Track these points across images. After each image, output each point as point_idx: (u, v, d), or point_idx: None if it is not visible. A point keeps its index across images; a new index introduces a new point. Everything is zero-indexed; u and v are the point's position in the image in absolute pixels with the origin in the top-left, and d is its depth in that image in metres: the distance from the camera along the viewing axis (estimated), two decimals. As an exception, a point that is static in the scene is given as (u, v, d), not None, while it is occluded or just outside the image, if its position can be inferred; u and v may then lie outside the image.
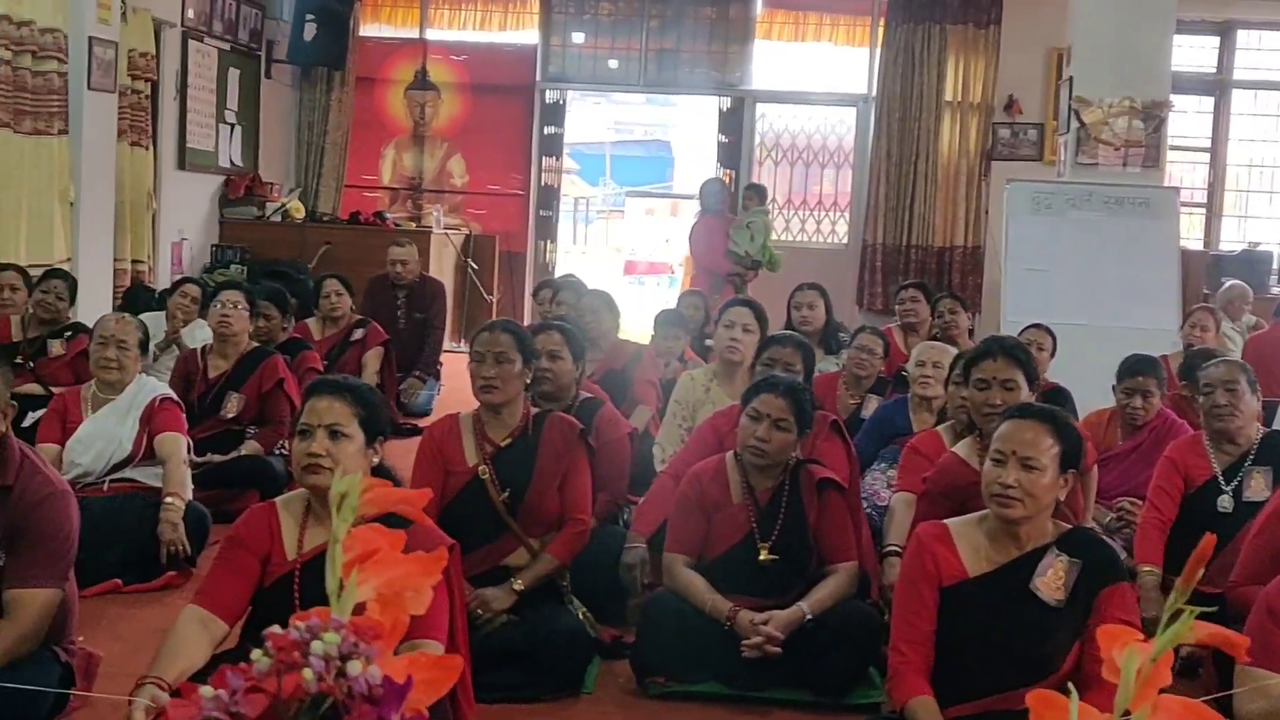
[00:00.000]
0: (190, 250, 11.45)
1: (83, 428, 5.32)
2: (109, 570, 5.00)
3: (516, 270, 13.26)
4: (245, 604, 3.42)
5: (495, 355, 4.38)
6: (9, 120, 8.53)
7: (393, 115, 13.50)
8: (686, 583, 4.33)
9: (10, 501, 3.47)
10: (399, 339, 8.78)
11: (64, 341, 7.18)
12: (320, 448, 3.37)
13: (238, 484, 6.09)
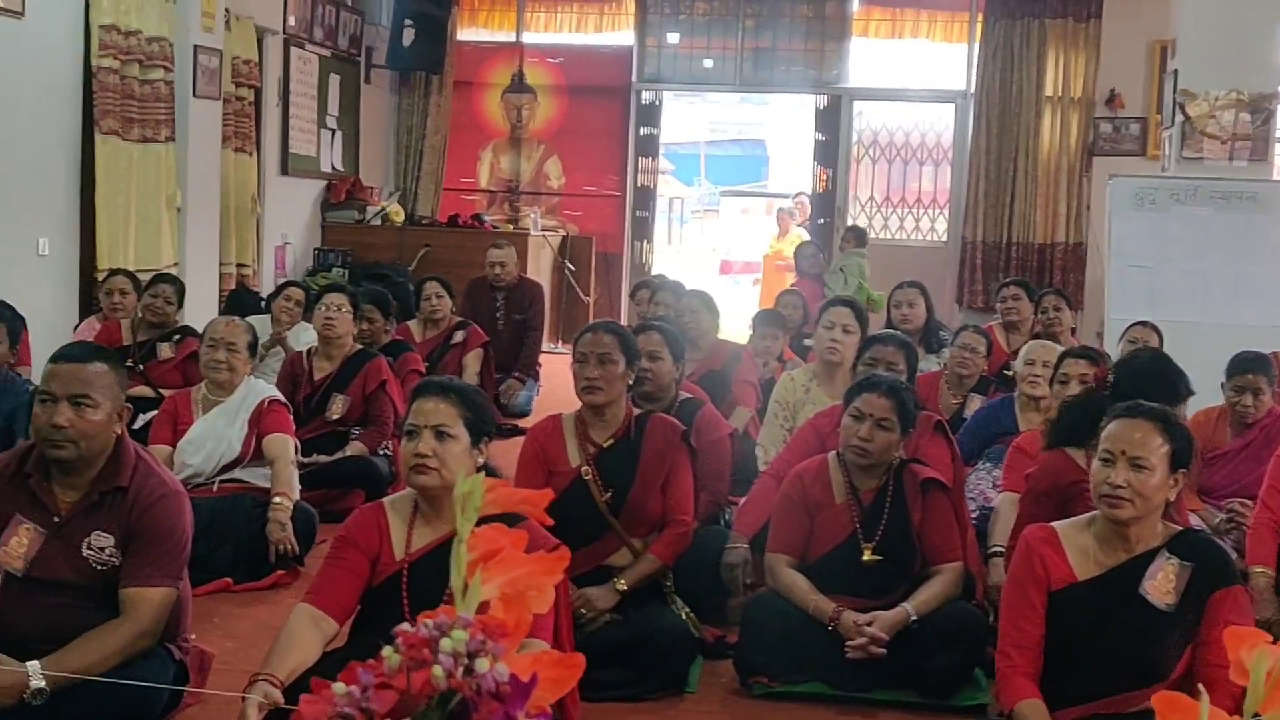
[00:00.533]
0: (293, 254, 11.64)
1: (193, 429, 5.42)
2: (219, 569, 5.09)
3: (613, 271, 13.31)
4: (355, 602, 3.47)
5: (599, 356, 4.40)
6: (118, 128, 8.73)
7: (490, 118, 13.61)
8: (790, 583, 4.32)
9: (126, 502, 3.55)
10: (498, 340, 8.85)
11: (173, 344, 7.32)
12: (427, 448, 3.41)
13: (343, 484, 6.18)
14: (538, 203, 13.36)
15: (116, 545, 3.53)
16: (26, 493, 3.57)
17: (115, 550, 3.53)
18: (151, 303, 7.40)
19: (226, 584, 5.09)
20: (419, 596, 3.40)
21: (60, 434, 3.49)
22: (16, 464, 3.61)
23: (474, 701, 1.00)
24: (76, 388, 3.52)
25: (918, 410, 4.54)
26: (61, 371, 3.56)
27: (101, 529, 3.54)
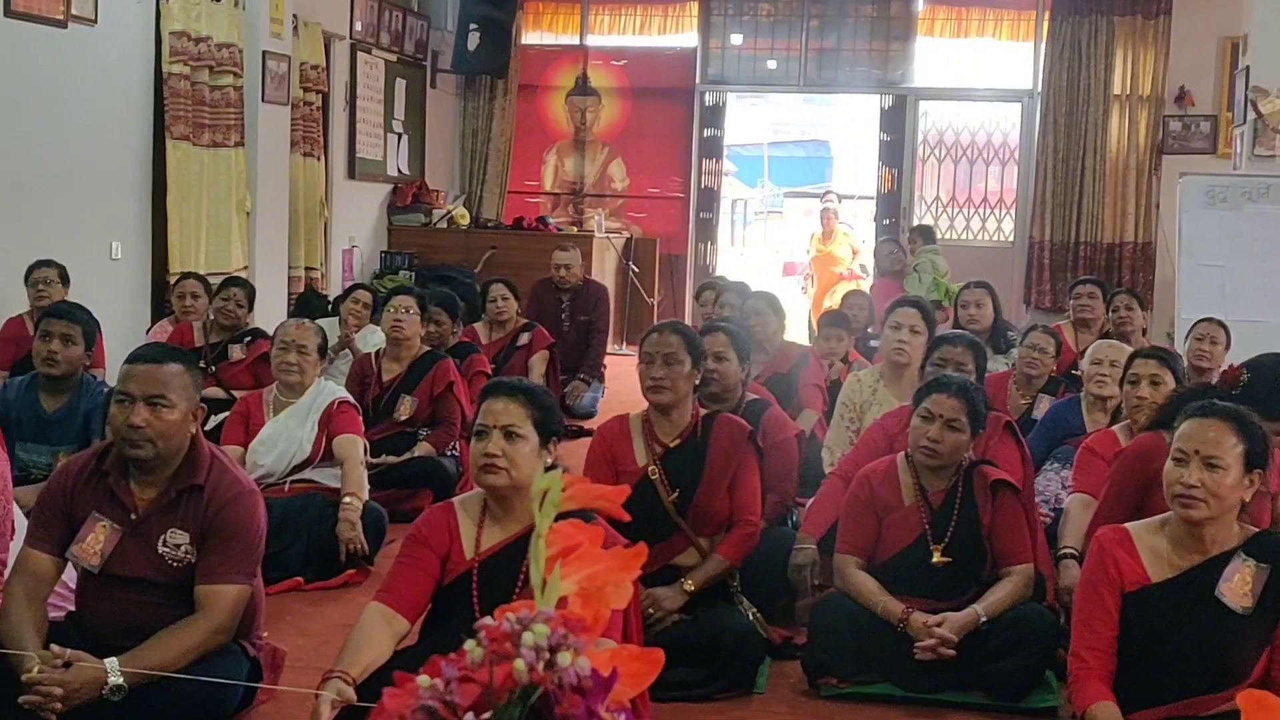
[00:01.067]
0: (360, 257, 11.74)
1: (265, 430, 5.49)
2: (291, 568, 5.14)
3: (677, 272, 13.32)
4: (426, 601, 3.50)
5: (665, 356, 4.41)
6: (189, 134, 8.85)
7: (554, 121, 13.67)
8: (858, 584, 4.31)
9: (202, 500, 3.59)
10: (563, 342, 8.88)
11: (243, 346, 7.41)
12: (496, 448, 3.43)
13: (411, 484, 6.22)
14: (602, 205, 13.39)
15: (192, 543, 3.58)
16: (104, 490, 3.62)
17: (191, 548, 3.58)
18: (223, 306, 7.49)
19: (298, 583, 5.14)
20: (489, 595, 3.43)
21: (137, 433, 3.54)
22: (95, 462, 3.67)
23: (556, 695, 1.01)
24: (153, 388, 3.57)
25: (987, 411, 4.50)
26: (138, 372, 3.61)
27: (177, 527, 3.59)
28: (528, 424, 3.48)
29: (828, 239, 13.29)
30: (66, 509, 3.63)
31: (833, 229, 13.31)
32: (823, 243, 13.35)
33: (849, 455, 5.20)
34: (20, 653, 3.40)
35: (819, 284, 13.29)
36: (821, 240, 13.36)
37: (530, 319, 8.70)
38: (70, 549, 3.61)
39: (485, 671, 1.02)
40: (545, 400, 3.58)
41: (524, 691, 1.02)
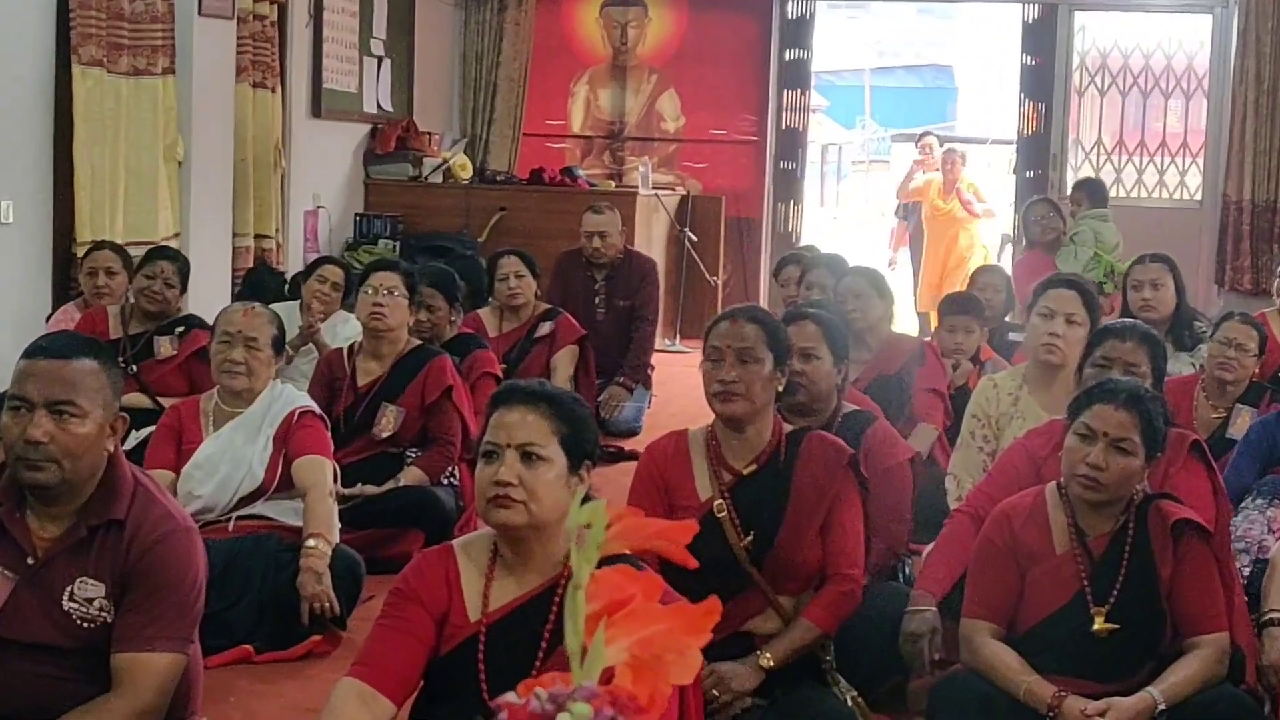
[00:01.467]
0: (327, 221, 11.82)
1: (202, 449, 5.52)
2: (237, 633, 5.18)
3: (749, 241, 13.33)
4: (417, 677, 3.52)
5: (738, 352, 4.41)
6: (101, 57, 8.92)
7: (585, 40, 13.71)
8: (992, 659, 4.30)
9: (122, 541, 3.62)
10: (597, 334, 8.90)
11: (175, 339, 7.46)
12: (510, 475, 3.44)
13: (396, 522, 6.26)
14: (648, 151, 13.42)
15: (108, 596, 3.61)
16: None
17: (107, 603, 3.61)
18: (147, 285, 7.54)
19: (247, 653, 5.18)
20: (500, 668, 3.45)
21: (37, 451, 3.57)
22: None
23: (600, 796, 1.02)
24: (58, 392, 3.60)
25: (1167, 427, 4.48)
26: (39, 370, 3.64)
27: (89, 575, 3.62)
28: (553, 442, 3.49)
29: (948, 192, 13.23)
30: (-59, 551, 3.68)
31: (957, 178, 13.25)
32: (942, 197, 13.30)
33: (981, 486, 5.19)
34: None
35: (930, 254, 13.27)
36: (941, 193, 13.31)
37: (554, 303, 8.72)
38: (-54, 604, 3.65)
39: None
40: (576, 410, 3.59)
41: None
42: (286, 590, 5.27)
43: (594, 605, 1.17)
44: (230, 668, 5.05)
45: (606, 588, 1.18)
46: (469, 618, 3.51)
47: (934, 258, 13.19)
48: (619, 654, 1.15)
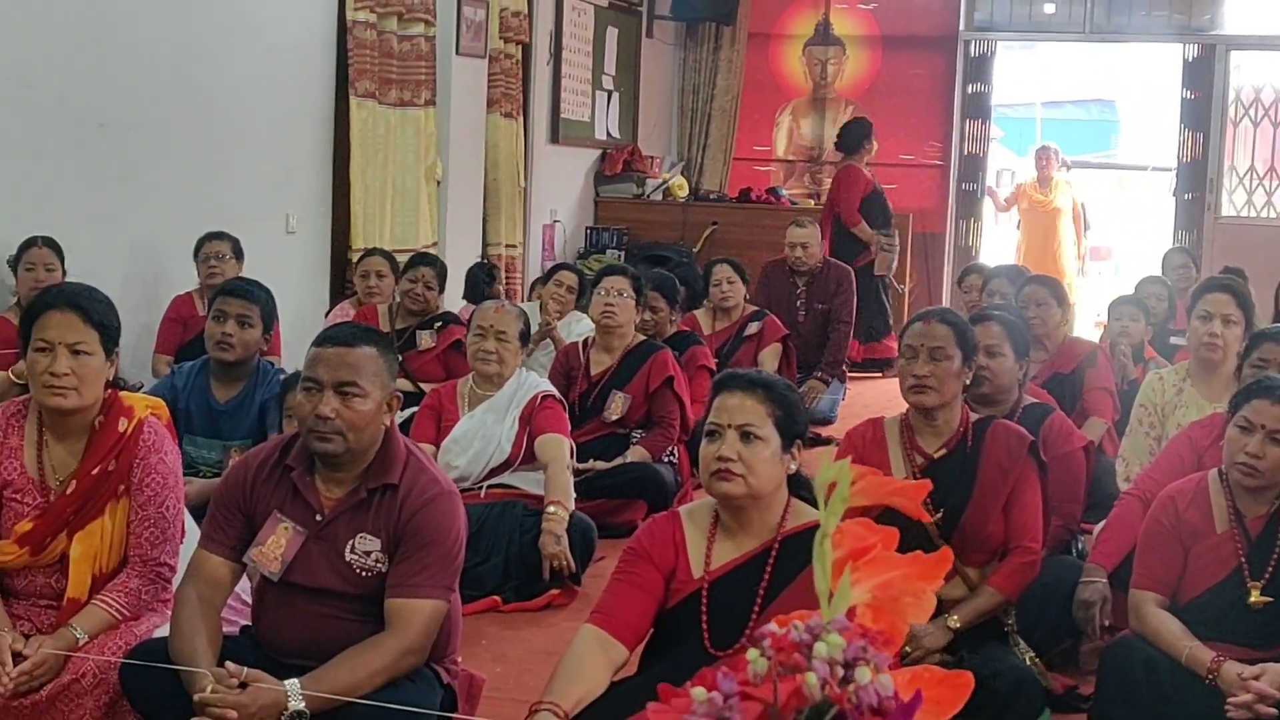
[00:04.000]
0: (563, 233, 11.92)
1: (459, 427, 5.61)
2: (487, 586, 5.26)
3: (933, 254, 13.18)
4: (647, 626, 3.53)
5: (931, 350, 4.37)
6: (374, 90, 9.10)
7: (789, 76, 13.66)
8: (1158, 626, 4.20)
9: (396, 502, 3.68)
10: (798, 334, 8.88)
11: (434, 333, 7.59)
12: (731, 451, 3.44)
13: (622, 494, 6.31)
14: (844, 174, 13.31)
15: (384, 550, 3.67)
16: (288, 488, 3.74)
17: (382, 555, 3.67)
18: (410, 287, 7.68)
19: (495, 603, 5.25)
20: (720, 620, 3.46)
21: (325, 425, 3.63)
22: (278, 456, 3.78)
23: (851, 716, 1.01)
24: (344, 374, 3.66)
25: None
26: (327, 356, 3.71)
27: (368, 531, 3.68)
28: (768, 424, 3.48)
29: (1044, 186, 13.03)
30: (245, 508, 3.76)
31: (1050, 175, 13.08)
32: (1038, 190, 13.10)
33: (1148, 472, 5.09)
34: (192, 669, 3.52)
35: (1028, 241, 13.09)
36: (1036, 187, 13.11)
37: (760, 305, 8.71)
38: (248, 553, 3.74)
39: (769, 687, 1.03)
40: (789, 396, 3.58)
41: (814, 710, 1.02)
42: (529, 550, 5.34)
43: (839, 553, 1.16)
44: (481, 616, 5.12)
45: (850, 538, 1.18)
46: (693, 575, 3.52)
47: (1033, 245, 13.03)
48: (862, 595, 1.15)
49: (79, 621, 3.86)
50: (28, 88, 6.92)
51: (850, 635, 1.06)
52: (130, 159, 7.55)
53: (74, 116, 7.20)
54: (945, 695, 1.12)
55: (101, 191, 7.42)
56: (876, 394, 9.72)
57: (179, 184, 7.88)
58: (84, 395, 3.92)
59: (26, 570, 3.98)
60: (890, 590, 1.15)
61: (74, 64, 7.15)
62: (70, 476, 3.96)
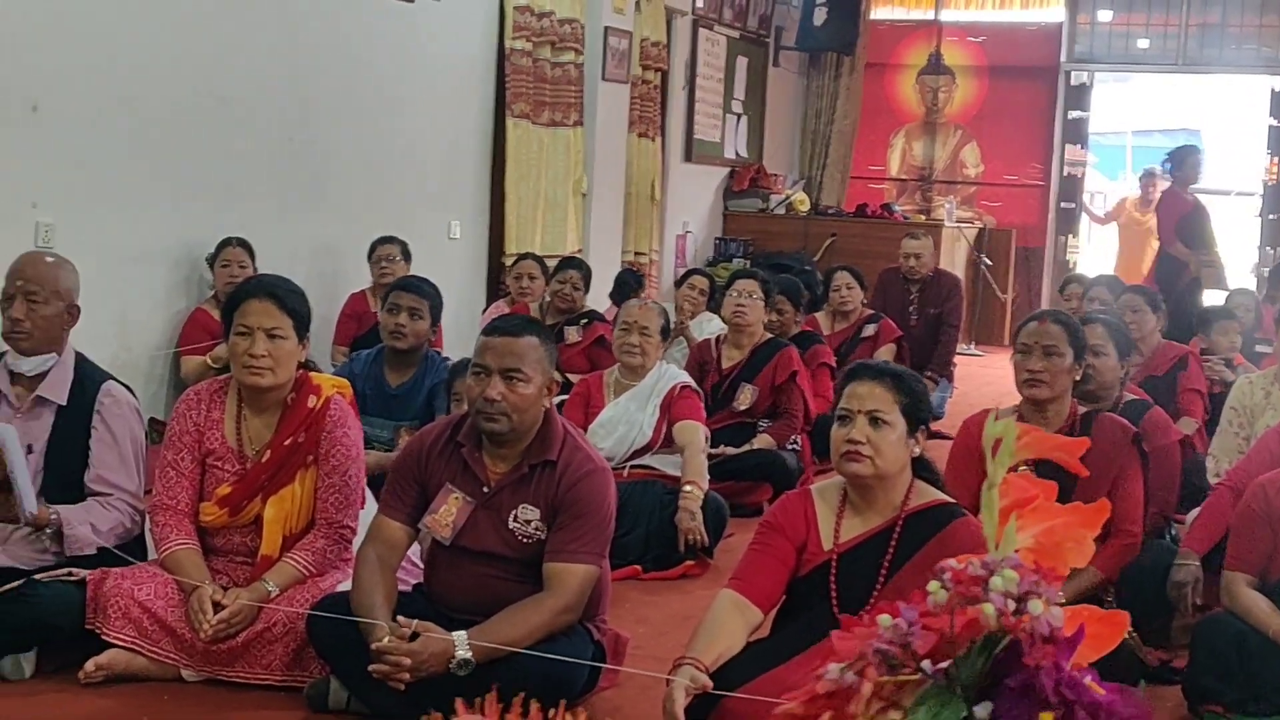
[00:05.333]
0: (694, 243, 11.93)
1: (605, 412, 5.64)
2: (629, 556, 5.27)
3: (1033, 267, 13.03)
4: (780, 592, 3.52)
5: (1045, 348, 4.32)
6: (529, 112, 9.17)
7: (903, 102, 13.57)
8: (1249, 604, 4.12)
9: (555, 476, 3.72)
10: (910, 336, 8.80)
11: (580, 329, 7.64)
12: (860, 434, 3.42)
13: (750, 477, 6.29)
14: (953, 192, 13.23)
15: (543, 519, 3.71)
16: (458, 462, 3.79)
17: (541, 524, 3.70)
18: (560, 288, 7.74)
19: (636, 571, 5.26)
20: (848, 589, 3.44)
21: (493, 406, 3.67)
22: (450, 433, 3.84)
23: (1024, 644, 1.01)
24: (510, 361, 3.70)
25: None
26: (495, 344, 3.75)
27: (529, 502, 3.72)
28: (895, 410, 3.46)
29: (1145, 207, 12.82)
30: (420, 478, 3.81)
31: (1153, 197, 12.85)
32: (1138, 209, 12.89)
33: (1239, 465, 4.98)
34: (370, 621, 3.58)
35: (1124, 255, 12.89)
36: (1138, 205, 12.89)
37: (876, 310, 8.66)
38: (423, 519, 3.79)
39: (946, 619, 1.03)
40: (914, 385, 3.56)
41: (990, 639, 1.02)
42: (667, 525, 5.35)
43: (1005, 502, 1.16)
44: (624, 582, 5.13)
45: (1015, 489, 1.17)
46: (823, 547, 3.51)
47: (1128, 259, 12.83)
48: (1025, 540, 1.14)
49: (271, 576, 3.95)
50: (224, 103, 7.06)
51: (1023, 571, 1.05)
52: (314, 169, 7.68)
53: (265, 130, 7.34)
54: (1104, 631, 1.11)
55: (288, 197, 7.55)
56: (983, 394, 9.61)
57: (356, 192, 8.00)
58: (278, 375, 4.01)
59: (225, 530, 4.07)
60: (1053, 536, 1.15)
61: (266, 83, 7.29)
62: (265, 447, 4.05)
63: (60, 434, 4.14)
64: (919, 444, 3.53)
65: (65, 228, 6.15)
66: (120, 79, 6.47)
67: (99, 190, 6.42)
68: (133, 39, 6.52)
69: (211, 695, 3.85)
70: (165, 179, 6.79)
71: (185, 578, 3.90)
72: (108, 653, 3.86)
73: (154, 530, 4.06)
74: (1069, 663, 1.03)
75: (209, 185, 7.03)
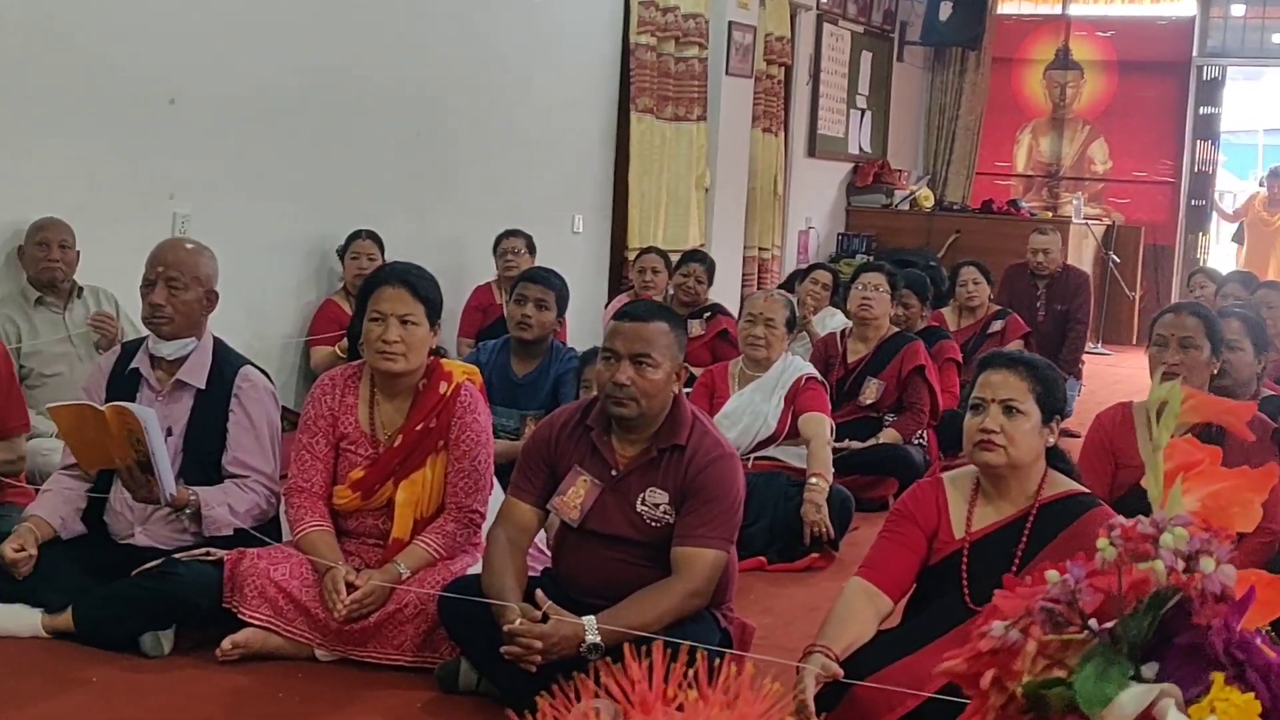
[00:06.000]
0: (816, 239, 11.89)
1: (730, 403, 5.63)
2: (754, 547, 5.25)
3: (1162, 265, 12.80)
4: (911, 580, 3.50)
5: (1180, 340, 4.26)
6: (652, 107, 9.19)
7: (1029, 97, 13.41)
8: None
9: (683, 461, 3.72)
10: (1037, 332, 8.68)
11: (703, 322, 7.64)
12: (994, 423, 3.39)
13: (874, 471, 6.24)
14: (1080, 188, 13.04)
15: (671, 503, 3.71)
16: (587, 445, 3.80)
17: (669, 508, 3.70)
18: (683, 282, 7.75)
19: (761, 563, 5.25)
20: (979, 578, 3.40)
21: (621, 391, 3.68)
22: (580, 417, 3.85)
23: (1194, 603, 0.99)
24: (639, 346, 3.70)
25: None
26: (625, 330, 3.76)
27: (657, 486, 3.72)
28: (1029, 399, 3.42)
29: (1273, 207, 12.48)
30: (550, 461, 3.84)
31: None
32: (1265, 209, 12.56)
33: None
34: (502, 603, 3.61)
35: (1249, 254, 12.58)
36: (1265, 206, 12.57)
37: (1002, 306, 8.55)
38: (551, 501, 3.81)
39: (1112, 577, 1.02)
40: (1049, 374, 3.51)
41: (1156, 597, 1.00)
42: (792, 516, 5.33)
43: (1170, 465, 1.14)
44: (749, 574, 5.11)
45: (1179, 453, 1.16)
46: (954, 536, 3.47)
47: (1253, 259, 12.52)
48: (1191, 504, 1.13)
49: (403, 558, 4.00)
50: (355, 98, 7.17)
51: (1193, 529, 1.04)
52: (441, 163, 7.77)
53: (395, 125, 7.44)
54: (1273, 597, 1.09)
55: (416, 191, 7.65)
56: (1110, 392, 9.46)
57: (481, 186, 8.07)
58: (410, 360, 4.06)
59: (358, 513, 4.13)
60: (1219, 500, 1.13)
61: (395, 78, 7.39)
62: (397, 431, 4.10)
63: (199, 417, 4.23)
64: (1053, 433, 3.48)
65: (201, 218, 6.29)
66: (255, 73, 6.60)
67: (234, 182, 6.55)
68: (267, 34, 6.65)
69: (344, 675, 3.91)
70: (297, 172, 6.91)
71: (320, 559, 3.97)
72: (244, 631, 3.93)
73: (289, 512, 4.14)
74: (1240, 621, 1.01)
75: (340, 178, 7.14)
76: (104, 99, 5.95)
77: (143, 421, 3.93)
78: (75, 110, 5.83)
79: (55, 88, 5.76)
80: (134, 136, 6.08)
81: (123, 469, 4.05)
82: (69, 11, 5.77)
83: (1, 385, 4.52)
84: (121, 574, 4.04)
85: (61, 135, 5.79)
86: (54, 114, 5.76)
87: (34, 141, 5.70)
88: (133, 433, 3.96)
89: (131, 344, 4.42)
